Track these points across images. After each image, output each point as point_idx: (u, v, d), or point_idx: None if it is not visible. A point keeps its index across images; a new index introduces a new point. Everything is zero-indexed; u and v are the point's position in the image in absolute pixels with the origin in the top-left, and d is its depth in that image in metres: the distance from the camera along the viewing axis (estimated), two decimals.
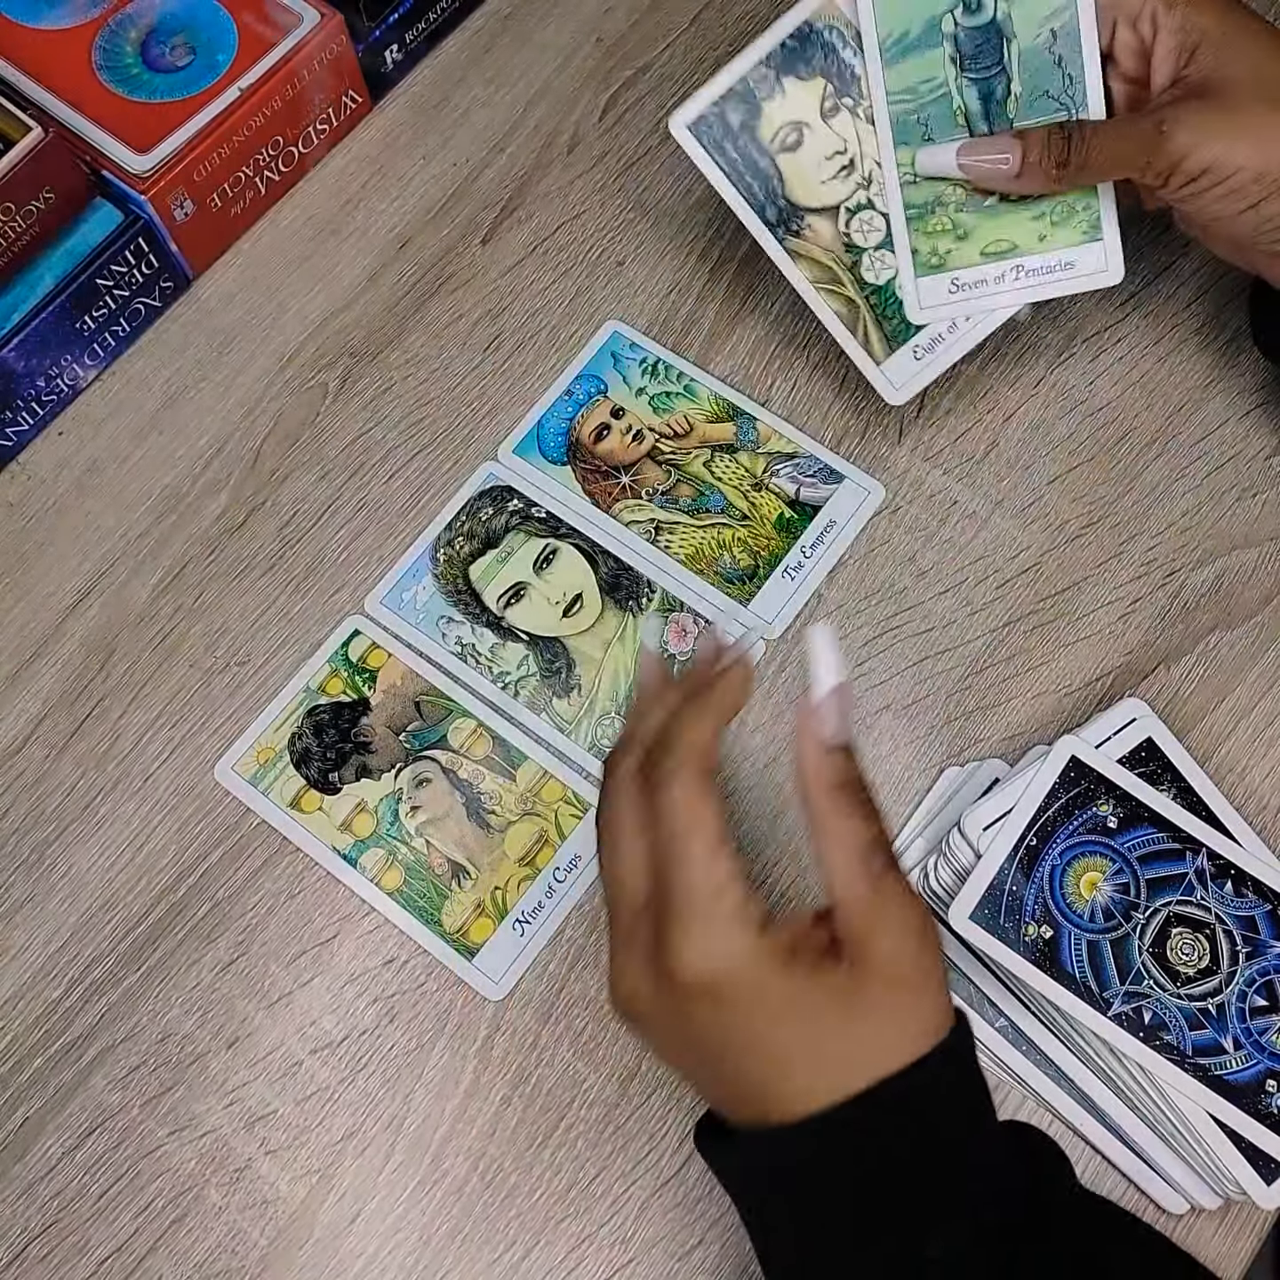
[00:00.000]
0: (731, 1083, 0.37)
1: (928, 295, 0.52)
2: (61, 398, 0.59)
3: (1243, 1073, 0.44)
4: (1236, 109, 0.46)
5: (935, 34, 0.50)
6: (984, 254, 0.52)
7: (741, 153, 0.51)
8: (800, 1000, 0.36)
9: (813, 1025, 0.36)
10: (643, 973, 0.37)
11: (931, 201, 0.52)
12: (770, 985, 0.36)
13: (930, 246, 0.52)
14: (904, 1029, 0.36)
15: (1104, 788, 0.47)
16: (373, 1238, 0.47)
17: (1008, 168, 0.49)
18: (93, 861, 0.52)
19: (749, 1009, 0.36)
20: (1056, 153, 0.48)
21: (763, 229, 0.52)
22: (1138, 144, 0.47)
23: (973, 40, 0.50)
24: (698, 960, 0.36)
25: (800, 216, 0.52)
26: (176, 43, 0.59)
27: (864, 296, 0.53)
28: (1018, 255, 0.52)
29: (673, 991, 0.36)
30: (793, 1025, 0.36)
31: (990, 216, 0.52)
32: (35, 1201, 0.48)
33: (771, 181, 0.52)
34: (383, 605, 0.56)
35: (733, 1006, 0.36)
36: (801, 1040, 0.36)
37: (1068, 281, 0.52)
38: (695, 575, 0.56)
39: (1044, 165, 0.49)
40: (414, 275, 0.62)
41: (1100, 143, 0.48)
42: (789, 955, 0.36)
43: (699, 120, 0.51)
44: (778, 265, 0.52)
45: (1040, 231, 0.52)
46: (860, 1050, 0.36)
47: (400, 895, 0.51)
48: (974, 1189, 0.37)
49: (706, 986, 0.36)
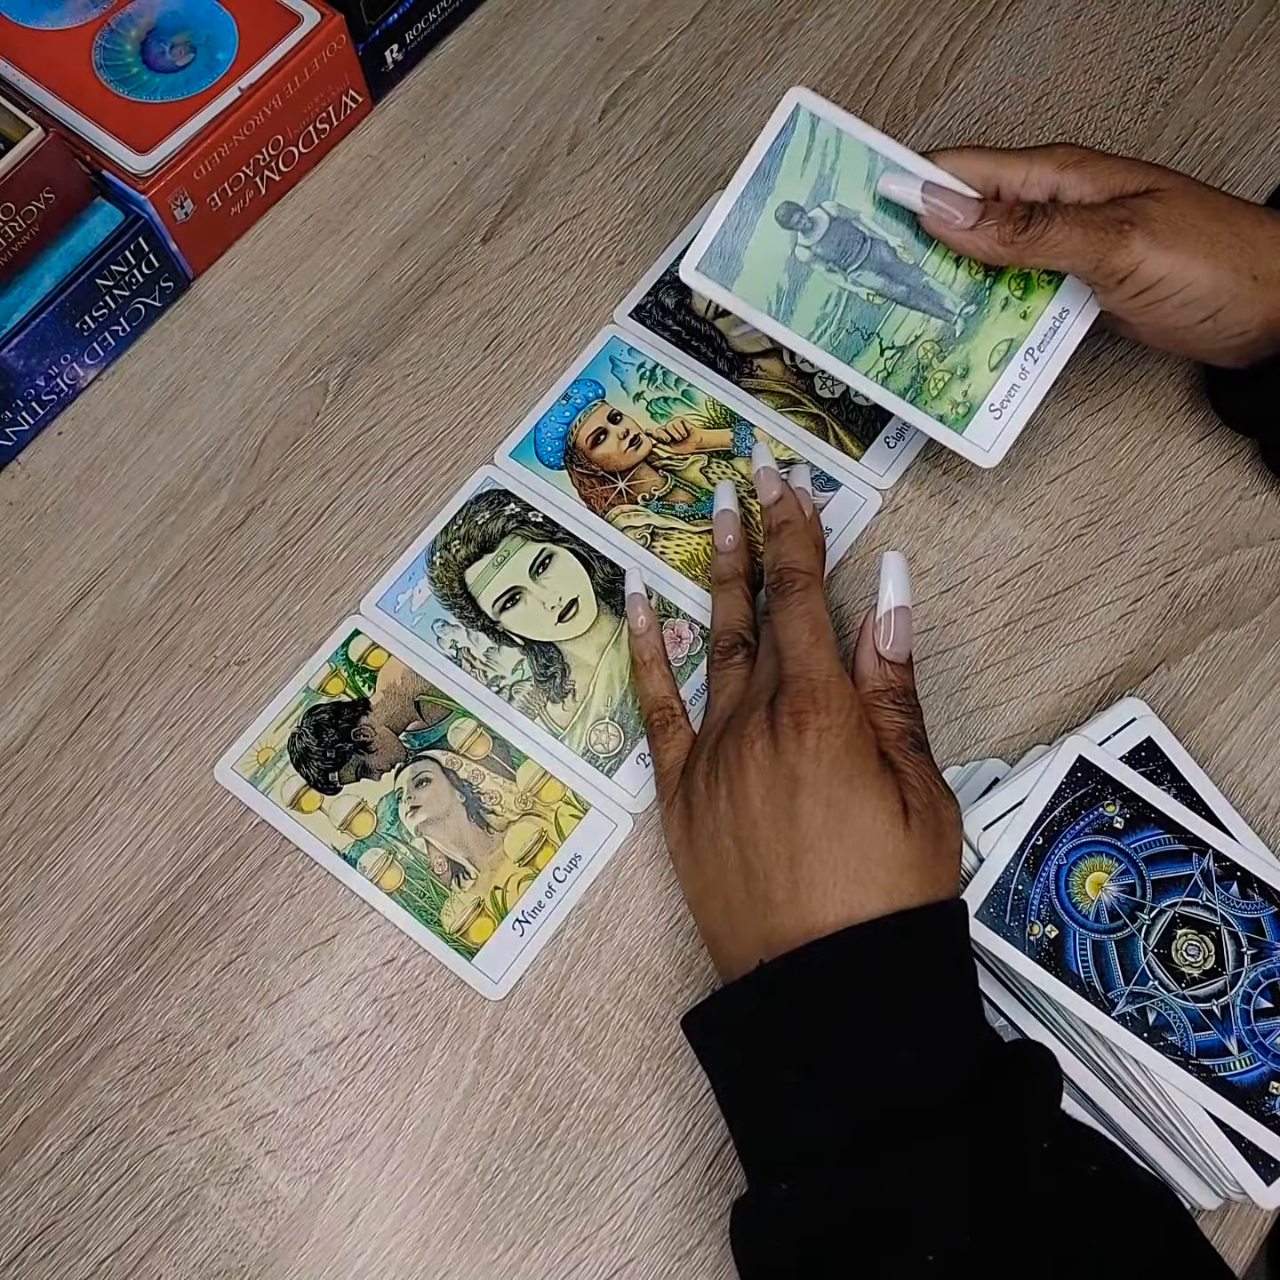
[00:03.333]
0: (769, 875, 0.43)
1: (982, 438, 0.52)
2: (61, 397, 0.59)
3: (1246, 1075, 0.44)
4: (1182, 225, 0.47)
5: (799, 268, 0.52)
6: (994, 368, 0.52)
7: (683, 324, 0.59)
8: (873, 781, 0.43)
9: (870, 809, 0.42)
10: (771, 735, 0.44)
11: (915, 373, 0.52)
12: (861, 757, 0.43)
13: (948, 404, 0.52)
14: (924, 866, 0.42)
15: (1111, 788, 0.47)
16: (372, 1238, 0.47)
17: (961, 220, 0.49)
18: (92, 861, 0.52)
19: (843, 763, 0.43)
20: (1017, 219, 0.48)
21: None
22: (1099, 235, 0.47)
23: (829, 246, 0.52)
24: (824, 718, 0.43)
25: (750, 361, 0.59)
26: (177, 42, 0.59)
27: (826, 409, 0.58)
28: (1020, 346, 0.52)
29: (793, 744, 0.43)
30: (859, 799, 0.42)
31: (971, 337, 0.52)
32: (35, 1201, 0.48)
33: (715, 340, 0.59)
34: (378, 608, 0.55)
35: (832, 754, 0.43)
36: (856, 821, 0.42)
37: (1075, 326, 0.52)
38: (690, 581, 0.55)
39: (1000, 229, 0.48)
40: (414, 275, 0.62)
41: (1064, 220, 0.47)
42: (881, 753, 0.44)
43: (638, 309, 0.60)
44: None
45: (1018, 312, 0.52)
46: (888, 865, 0.41)
47: (400, 895, 0.51)
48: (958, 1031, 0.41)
49: (820, 735, 0.43)
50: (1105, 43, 0.65)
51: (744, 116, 0.64)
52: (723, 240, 0.52)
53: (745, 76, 0.65)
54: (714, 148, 0.64)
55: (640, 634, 0.53)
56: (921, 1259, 0.37)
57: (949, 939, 0.42)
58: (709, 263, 0.53)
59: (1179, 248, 0.47)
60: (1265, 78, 0.64)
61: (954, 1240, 0.37)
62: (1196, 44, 0.65)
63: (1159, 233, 0.47)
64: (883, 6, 0.66)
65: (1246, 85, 0.64)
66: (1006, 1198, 0.38)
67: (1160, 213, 0.47)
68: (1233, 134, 0.63)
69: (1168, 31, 0.65)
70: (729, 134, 0.64)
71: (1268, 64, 0.64)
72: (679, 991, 0.50)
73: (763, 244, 0.52)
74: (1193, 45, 0.65)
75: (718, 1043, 0.44)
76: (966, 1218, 0.37)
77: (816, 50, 0.66)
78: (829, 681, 0.44)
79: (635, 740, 0.53)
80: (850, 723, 0.43)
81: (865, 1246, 0.38)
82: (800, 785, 0.42)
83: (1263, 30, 0.65)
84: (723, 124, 0.64)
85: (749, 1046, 0.42)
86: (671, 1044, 0.49)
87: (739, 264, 0.52)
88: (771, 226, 0.52)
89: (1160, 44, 0.65)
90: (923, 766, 0.44)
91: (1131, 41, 0.65)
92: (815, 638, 0.46)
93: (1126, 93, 0.64)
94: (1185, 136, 0.63)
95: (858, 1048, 0.40)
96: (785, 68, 0.65)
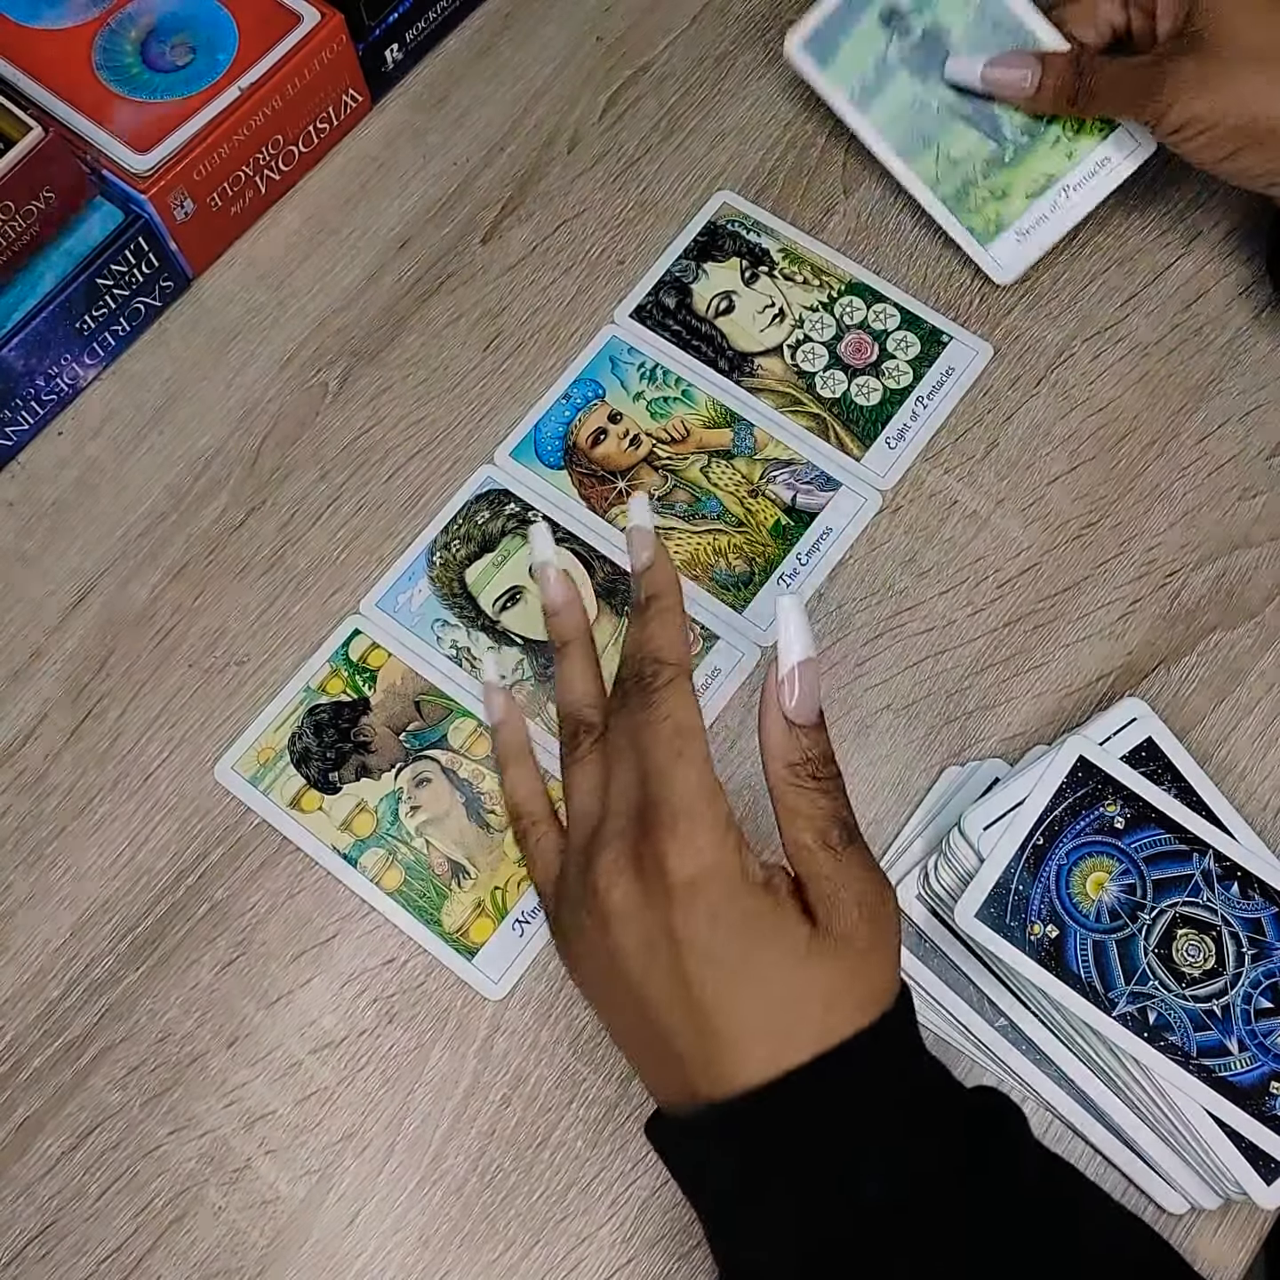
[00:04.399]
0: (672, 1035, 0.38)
1: (1002, 256, 0.58)
2: (61, 397, 0.59)
3: (1247, 1075, 0.44)
4: (1221, 69, 0.50)
5: (886, 68, 0.58)
6: (1029, 197, 0.57)
7: (684, 324, 0.59)
8: (765, 922, 0.37)
9: (773, 952, 0.37)
10: (630, 879, 0.38)
11: (961, 185, 0.58)
12: (744, 897, 0.37)
13: (981, 219, 0.58)
14: (851, 990, 0.37)
15: (1111, 788, 0.47)
16: (372, 1238, 0.47)
17: (1027, 85, 0.55)
18: (93, 861, 0.52)
19: (724, 913, 0.37)
20: (1069, 79, 0.54)
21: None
22: (1136, 87, 0.52)
23: (918, 54, 0.58)
24: (689, 859, 0.37)
25: (751, 360, 0.59)
26: (177, 42, 0.59)
27: (826, 409, 0.58)
28: (1058, 181, 0.57)
29: (659, 893, 0.37)
30: (755, 947, 0.37)
31: (1017, 165, 0.57)
32: (34, 1201, 0.48)
33: (716, 340, 0.59)
34: (378, 608, 0.55)
35: (708, 904, 0.37)
36: (758, 971, 0.37)
37: (1111, 174, 0.57)
38: (690, 581, 0.55)
39: (1058, 88, 0.54)
40: (414, 275, 0.62)
41: (1105, 78, 0.53)
42: (766, 880, 0.38)
43: (639, 309, 0.60)
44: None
45: (1065, 151, 0.57)
46: (807, 1005, 0.37)
47: (400, 895, 0.51)
48: (916, 1144, 0.37)
49: (691, 882, 0.37)
50: None
51: (744, 116, 0.64)
52: (829, 25, 0.58)
53: (745, 76, 0.65)
54: (714, 148, 0.64)
55: (500, 724, 0.50)
56: None
57: (893, 1050, 0.39)
58: (811, 44, 0.58)
59: (1206, 94, 0.50)
60: None
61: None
62: None
63: (1185, 81, 0.50)
64: None
65: None
66: (1003, 1235, 0.37)
67: (1188, 63, 0.51)
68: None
69: None
70: (729, 134, 0.64)
71: None
72: None
73: (861, 38, 0.58)
74: None
75: (675, 1162, 0.41)
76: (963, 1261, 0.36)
77: None
78: (693, 807, 0.38)
79: None
80: (721, 857, 0.37)
81: None
82: (681, 947, 0.37)
83: None
84: (723, 124, 0.64)
85: (703, 1183, 0.39)
86: None
87: (836, 51, 0.58)
88: (873, 23, 0.58)
89: None
90: (852, 864, 0.38)
91: None
92: (678, 750, 0.39)
93: None
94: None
95: (818, 1188, 0.37)
96: (785, 68, 0.65)
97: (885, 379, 0.58)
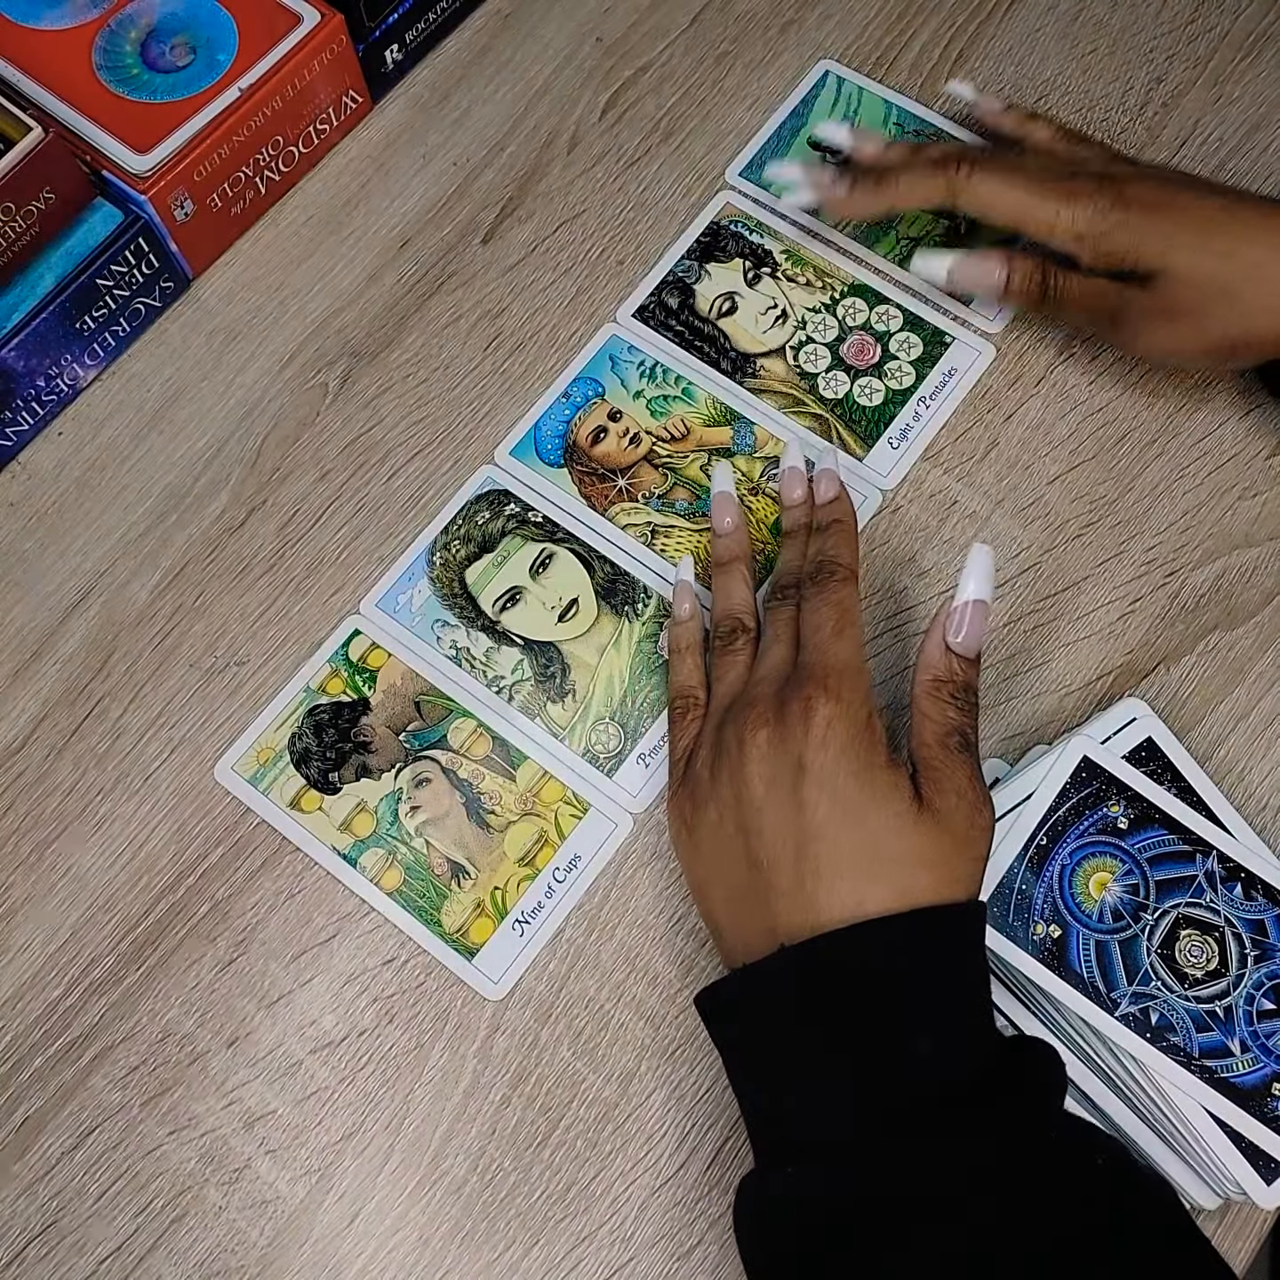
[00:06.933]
0: (774, 867, 0.42)
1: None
2: (61, 398, 0.59)
3: (1249, 1076, 0.44)
4: (1175, 311, 0.51)
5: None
6: None
7: (686, 324, 0.60)
8: (881, 777, 0.42)
9: (881, 806, 0.41)
10: (773, 727, 0.43)
11: None
12: (870, 752, 0.42)
13: None
14: (938, 866, 0.41)
15: (1115, 788, 0.47)
16: (372, 1238, 0.47)
17: (995, 283, 0.55)
18: (93, 861, 0.52)
19: (850, 756, 0.42)
20: (1035, 285, 0.54)
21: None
22: (1102, 309, 0.53)
23: None
24: (832, 704, 0.43)
25: (753, 361, 0.59)
26: (177, 43, 0.59)
27: (829, 409, 0.58)
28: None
29: (797, 734, 0.42)
30: (867, 796, 0.42)
31: None
32: (35, 1201, 0.48)
33: (718, 341, 0.59)
34: (378, 608, 0.55)
35: (839, 744, 0.42)
36: (865, 815, 0.41)
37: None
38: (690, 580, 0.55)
39: (1026, 291, 0.55)
40: (414, 275, 0.62)
41: (1072, 292, 0.54)
42: (890, 751, 0.43)
43: (641, 309, 0.60)
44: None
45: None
46: (898, 861, 0.41)
47: (400, 895, 0.51)
48: (971, 1022, 0.41)
49: (829, 722, 0.42)
50: (1105, 43, 0.65)
51: (744, 117, 0.64)
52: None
53: (745, 76, 0.65)
54: (714, 148, 0.64)
55: (682, 620, 0.53)
56: (928, 1249, 0.37)
57: (964, 940, 0.42)
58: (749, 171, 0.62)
59: (1165, 333, 0.52)
60: (1265, 78, 0.64)
61: (965, 1227, 0.37)
62: (1196, 44, 0.65)
63: (1145, 326, 0.52)
64: (882, 7, 0.66)
65: (1246, 85, 0.64)
66: (1027, 1181, 0.38)
67: (1143, 304, 0.52)
68: (1232, 134, 0.63)
69: (1167, 32, 0.65)
70: (729, 134, 0.64)
71: (1268, 64, 0.64)
72: (679, 991, 0.50)
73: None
74: (1192, 45, 0.65)
75: (730, 1020, 0.43)
76: (994, 1202, 0.37)
77: (816, 50, 0.66)
78: (844, 670, 0.44)
79: (635, 740, 0.53)
80: (860, 715, 0.43)
81: (870, 1235, 0.37)
82: (805, 773, 0.42)
83: (1263, 30, 0.65)
84: (723, 124, 0.64)
85: (763, 1027, 0.42)
86: (671, 1043, 0.49)
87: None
88: (802, 149, 0.61)
89: (1159, 44, 0.65)
90: (962, 767, 0.43)
91: (1130, 42, 0.65)
92: (840, 627, 0.45)
93: (1126, 93, 0.64)
94: (1184, 137, 0.63)
95: (873, 1035, 0.40)
96: (785, 68, 0.65)
97: (888, 379, 0.58)
